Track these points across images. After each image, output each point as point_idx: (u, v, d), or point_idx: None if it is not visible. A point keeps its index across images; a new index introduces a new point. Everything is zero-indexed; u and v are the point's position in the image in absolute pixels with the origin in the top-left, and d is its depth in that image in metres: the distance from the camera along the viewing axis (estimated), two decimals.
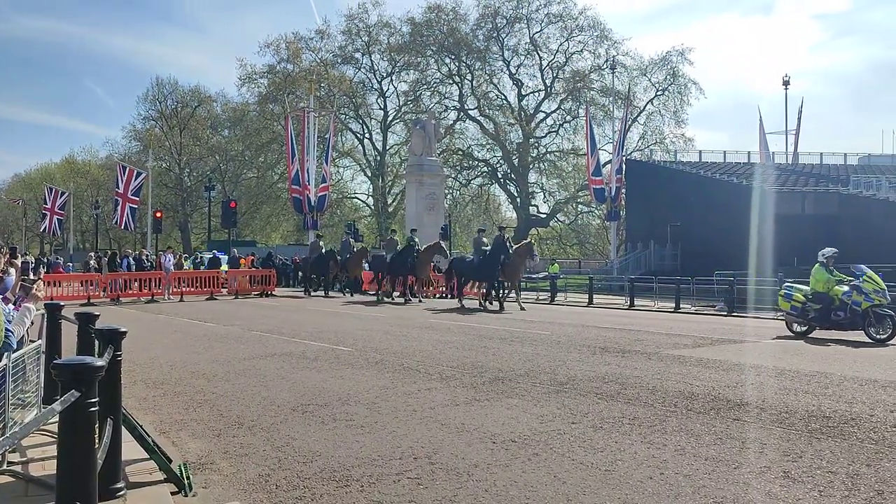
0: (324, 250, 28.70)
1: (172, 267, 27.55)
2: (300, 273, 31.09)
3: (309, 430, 6.20)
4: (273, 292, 28.91)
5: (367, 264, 28.81)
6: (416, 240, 25.44)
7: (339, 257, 27.83)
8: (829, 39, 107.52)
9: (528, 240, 30.30)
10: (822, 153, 47.72)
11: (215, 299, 26.18)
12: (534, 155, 61.73)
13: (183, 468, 4.95)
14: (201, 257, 35.66)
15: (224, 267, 33.38)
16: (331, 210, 61.23)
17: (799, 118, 48.83)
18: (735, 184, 38.05)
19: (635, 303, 23.66)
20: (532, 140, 61.05)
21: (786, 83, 47.98)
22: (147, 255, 30.81)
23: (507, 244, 22.05)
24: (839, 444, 5.67)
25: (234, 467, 5.23)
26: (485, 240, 23.19)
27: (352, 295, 27.39)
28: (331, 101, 56.93)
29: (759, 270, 24.64)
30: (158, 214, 40.56)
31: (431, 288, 28.46)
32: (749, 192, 35.78)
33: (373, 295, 26.42)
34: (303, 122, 42.74)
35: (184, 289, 27.00)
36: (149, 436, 5.02)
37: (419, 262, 24.33)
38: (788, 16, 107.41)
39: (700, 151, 48.80)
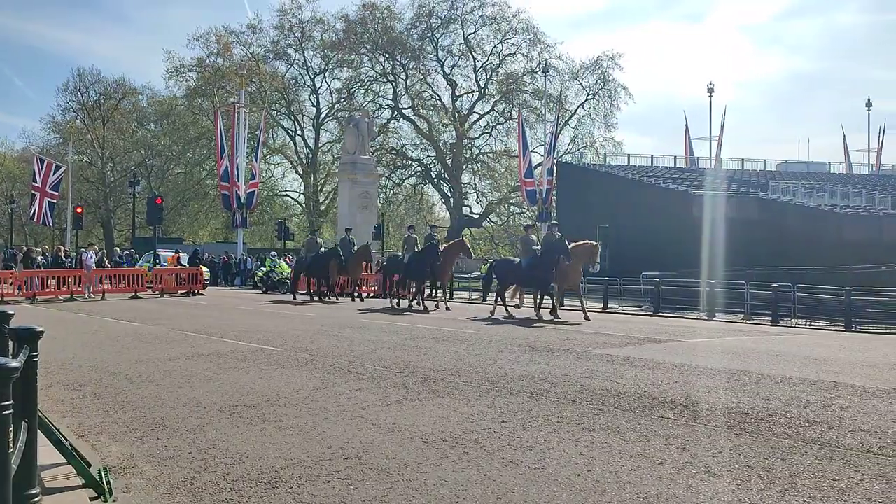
0: (322, 248, 25.96)
1: (94, 264, 26.62)
2: (292, 274, 27.56)
3: (237, 432, 6.08)
4: (201, 291, 28.24)
5: (377, 265, 26.90)
6: (437, 237, 22.83)
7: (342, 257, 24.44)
8: (753, 50, 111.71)
9: (460, 238, 29.23)
10: (743, 159, 49.51)
11: (139, 298, 25.41)
12: (467, 155, 62.06)
13: (103, 473, 4.78)
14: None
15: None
16: (261, 208, 60.19)
17: (722, 125, 50.47)
18: (662, 187, 39.17)
19: (564, 302, 24.04)
20: (465, 141, 61.36)
21: (710, 91, 49.54)
22: (66, 252, 29.67)
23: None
24: (756, 440, 5.89)
25: (157, 471, 5.08)
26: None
27: (354, 299, 24.56)
28: (262, 97, 55.97)
29: (685, 272, 25.41)
30: (79, 210, 39.03)
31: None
32: (675, 195, 36.91)
33: (344, 298, 24.62)
34: (233, 118, 41.94)
35: (106, 287, 26.11)
36: (66, 439, 4.84)
37: (443, 264, 21.34)
38: (716, 25, 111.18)
39: (629, 155, 50.02)
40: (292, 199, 66.89)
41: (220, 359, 10.20)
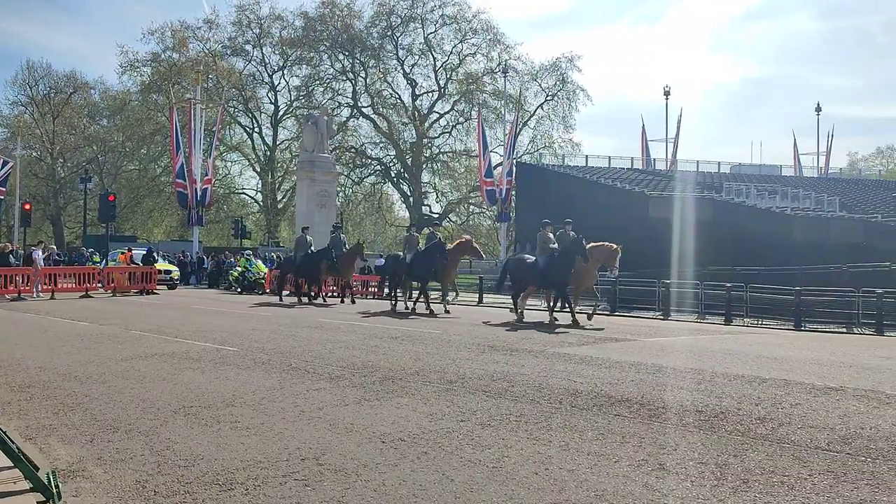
0: (312, 248, 24.26)
1: (43, 262, 25.94)
2: (280, 275, 25.70)
3: (191, 433, 5.97)
4: (155, 290, 27.72)
5: (375, 264, 25.66)
6: (440, 235, 21.69)
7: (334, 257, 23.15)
8: (709, 54, 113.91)
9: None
10: (698, 161, 50.44)
11: (91, 297, 24.83)
12: (427, 155, 62.06)
13: (51, 476, 4.65)
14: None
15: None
16: (217, 205, 59.35)
17: (678, 127, 51.40)
18: (619, 188, 39.68)
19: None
20: (425, 140, 61.37)
21: (666, 93, 50.37)
22: (14, 250, 28.85)
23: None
24: (710, 437, 6.00)
25: (108, 474, 4.96)
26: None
27: (343, 301, 23.47)
28: (219, 94, 55.21)
29: (642, 272, 25.76)
30: (27, 207, 38.03)
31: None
32: (632, 196, 37.42)
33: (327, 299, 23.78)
34: (189, 114, 41.27)
35: (56, 285, 25.46)
36: (13, 442, 4.69)
37: (449, 263, 19.98)
38: (673, 29, 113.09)
39: (587, 156, 50.58)
40: (249, 197, 66.17)
41: (175, 359, 10.02)
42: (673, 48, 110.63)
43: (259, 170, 62.46)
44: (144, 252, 31.60)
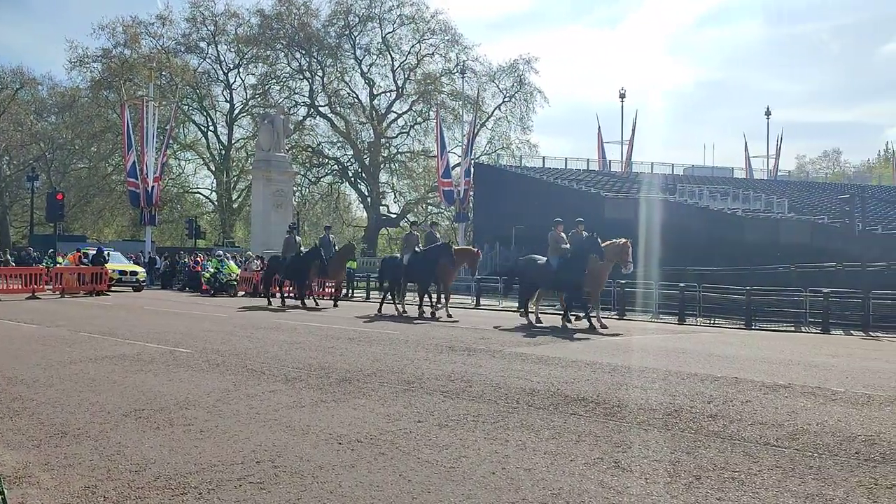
0: (301, 248, 23.32)
1: None
2: (266, 277, 24.43)
3: (143, 437, 5.85)
4: (105, 291, 27.11)
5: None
6: (439, 235, 20.42)
7: (324, 257, 22.01)
8: (663, 57, 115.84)
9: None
10: (652, 163, 51.29)
11: (38, 298, 24.17)
12: (385, 155, 61.89)
13: None
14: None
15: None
16: (171, 205, 58.35)
17: (633, 129, 52.17)
18: (575, 189, 40.08)
19: (481, 302, 24.28)
20: (383, 140, 61.18)
21: (622, 96, 51.10)
22: None
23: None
24: (663, 435, 6.09)
25: (56, 480, 4.83)
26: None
27: (336, 304, 22.54)
28: (172, 91, 54.28)
29: None
30: None
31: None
32: (588, 197, 37.83)
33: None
34: (141, 112, 40.48)
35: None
36: None
37: (450, 266, 18.84)
38: (629, 32, 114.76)
39: (544, 157, 51.09)
40: (204, 196, 65.15)
41: (126, 361, 9.80)
42: (629, 51, 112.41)
43: (214, 169, 61.54)
44: (95, 252, 30.77)
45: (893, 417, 6.86)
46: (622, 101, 51.02)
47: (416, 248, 19.46)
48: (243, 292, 29.60)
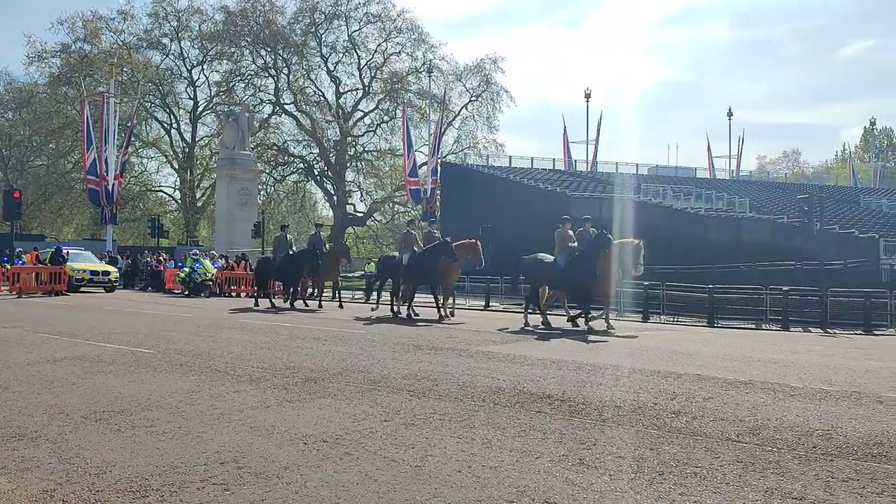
0: (293, 247, 22.51)
1: None
2: (257, 278, 23.55)
3: (103, 440, 5.75)
4: (65, 290, 26.58)
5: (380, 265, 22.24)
6: (438, 233, 19.55)
7: (319, 259, 21.24)
8: (628, 58, 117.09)
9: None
10: (617, 163, 51.81)
11: None
12: (351, 153, 61.63)
13: None
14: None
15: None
16: (133, 203, 57.43)
17: (598, 129, 52.63)
18: (541, 188, 40.34)
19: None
20: (350, 138, 60.91)
21: (587, 96, 51.49)
22: None
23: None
24: (627, 431, 6.16)
25: (13, 483, 4.72)
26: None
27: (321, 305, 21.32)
28: (134, 88, 53.43)
29: None
30: None
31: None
32: (554, 196, 38.09)
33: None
34: (101, 108, 39.77)
35: None
36: None
37: (453, 263, 17.91)
38: (594, 33, 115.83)
39: (510, 157, 51.32)
40: (167, 194, 64.24)
41: (86, 363, 9.62)
42: (593, 51, 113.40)
43: (177, 167, 60.71)
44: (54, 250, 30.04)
45: (850, 412, 7.03)
46: (587, 101, 51.44)
47: (416, 248, 18.68)
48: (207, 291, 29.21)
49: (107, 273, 29.82)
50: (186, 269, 28.51)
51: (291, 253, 21.86)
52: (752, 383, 8.57)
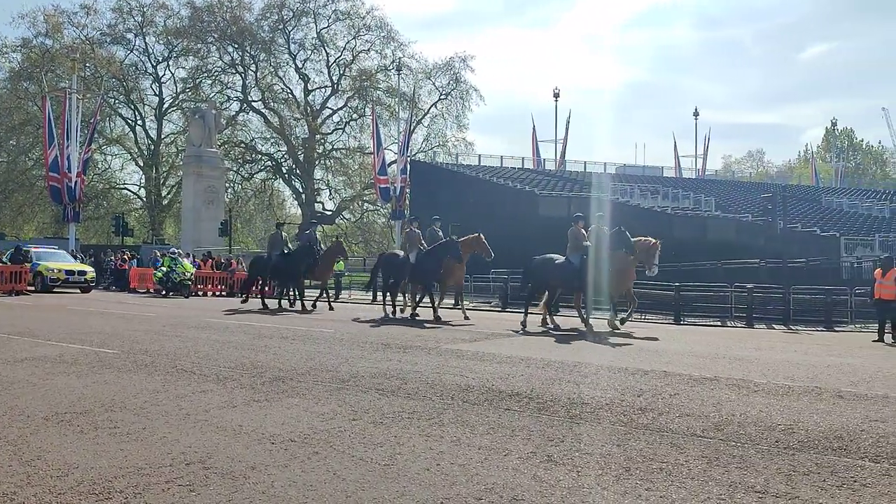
0: (288, 245, 21.56)
1: None
2: (250, 277, 22.50)
3: (65, 442, 5.64)
4: (26, 290, 26.04)
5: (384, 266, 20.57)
6: (440, 231, 18.73)
7: (317, 256, 20.31)
8: (596, 58, 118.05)
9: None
10: (585, 162, 52.26)
11: None
12: (320, 151, 61.24)
13: None
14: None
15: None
16: (96, 201, 56.51)
17: (567, 129, 53.00)
18: (510, 187, 40.49)
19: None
20: (318, 136, 60.53)
21: (556, 95, 51.85)
22: None
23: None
24: (594, 428, 6.21)
25: None
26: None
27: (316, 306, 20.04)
28: (97, 83, 52.53)
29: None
30: None
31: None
32: (523, 195, 38.27)
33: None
34: (63, 104, 39.01)
35: None
36: None
37: (458, 263, 17.33)
38: (563, 33, 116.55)
39: (480, 155, 51.45)
40: (132, 192, 63.23)
41: (47, 363, 9.43)
42: (561, 52, 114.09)
43: (142, 164, 59.83)
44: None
45: (811, 407, 7.16)
46: (556, 101, 51.81)
47: (421, 247, 17.87)
48: (151, 290, 28.85)
49: (83, 273, 28.58)
50: (164, 269, 27.46)
51: (288, 251, 20.96)
52: (717, 379, 8.70)
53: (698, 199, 40.17)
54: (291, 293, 21.40)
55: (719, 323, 18.77)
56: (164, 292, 27.07)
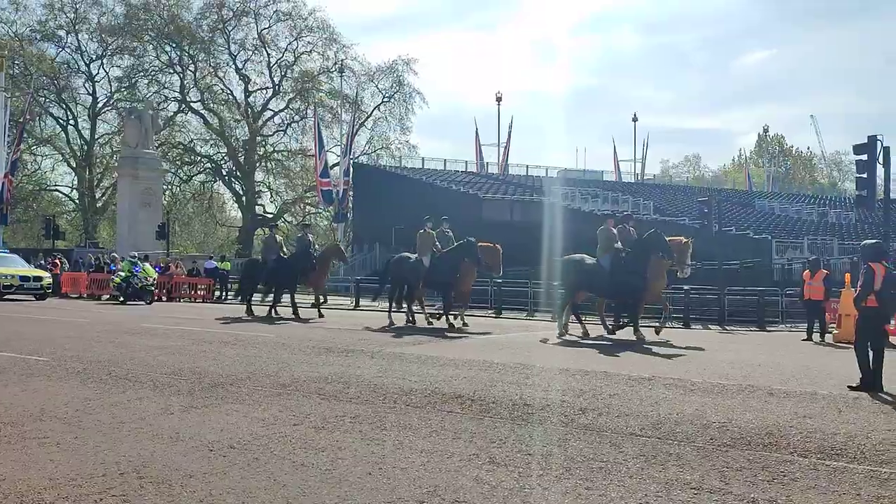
0: (283, 250, 20.53)
1: None
2: (244, 283, 21.45)
3: None
4: None
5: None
6: (450, 234, 17.69)
7: (313, 260, 19.17)
8: (539, 62, 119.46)
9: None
10: (527, 166, 52.78)
11: None
12: (261, 153, 60.33)
13: None
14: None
15: None
16: (25, 203, 54.55)
17: (509, 133, 53.49)
18: (454, 190, 40.64)
19: (360, 303, 24.15)
20: (259, 138, 59.63)
21: (498, 99, 52.32)
22: None
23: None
24: (536, 429, 6.28)
25: None
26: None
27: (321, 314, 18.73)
28: (27, 81, 50.71)
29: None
30: None
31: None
32: (466, 198, 38.45)
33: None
34: None
35: None
36: None
37: (473, 268, 16.39)
38: (506, 37, 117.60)
39: (423, 158, 51.47)
40: (63, 194, 61.20)
41: None
42: (505, 56, 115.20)
43: (75, 165, 57.96)
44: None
45: (744, 404, 7.38)
46: (499, 105, 52.28)
47: (434, 249, 16.81)
48: (107, 296, 28.00)
49: (38, 279, 26.42)
50: (123, 274, 25.60)
51: (284, 255, 20.02)
52: (655, 379, 8.89)
53: (637, 203, 40.96)
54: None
55: (657, 324, 19.14)
56: (121, 299, 25.32)
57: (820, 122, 71.42)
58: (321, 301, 19.32)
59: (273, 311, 19.31)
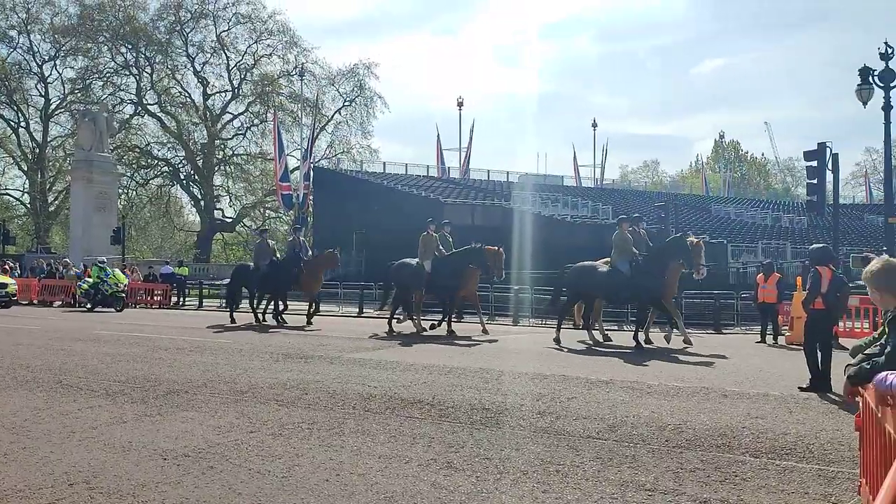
0: (277, 255, 19.87)
1: None
2: (232, 288, 20.78)
3: None
4: None
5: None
6: (450, 237, 17.00)
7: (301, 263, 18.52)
8: (500, 68, 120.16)
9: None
10: (489, 170, 52.98)
11: None
12: (219, 157, 59.61)
13: None
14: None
15: None
16: None
17: (471, 137, 53.60)
18: (415, 195, 40.62)
19: (321, 308, 23.94)
20: (218, 141, 58.93)
21: (460, 104, 52.41)
22: None
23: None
24: (495, 433, 6.30)
25: None
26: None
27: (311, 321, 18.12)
28: None
29: None
30: None
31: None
32: (428, 203, 38.45)
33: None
34: None
35: None
36: None
37: (476, 273, 15.83)
38: (468, 42, 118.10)
39: (384, 163, 51.33)
40: (14, 198, 59.70)
41: None
42: (466, 61, 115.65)
43: (26, 169, 56.57)
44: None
45: (699, 406, 7.51)
46: (460, 110, 52.36)
47: (437, 252, 16.20)
48: (59, 302, 27.38)
49: (3, 286, 25.19)
50: (91, 280, 24.78)
51: (276, 259, 19.36)
52: (612, 382, 8.99)
53: (596, 208, 41.44)
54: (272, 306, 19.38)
55: (616, 327, 19.38)
56: (88, 305, 24.54)
57: (774, 129, 73.21)
58: (313, 309, 18.53)
59: (272, 317, 18.76)
